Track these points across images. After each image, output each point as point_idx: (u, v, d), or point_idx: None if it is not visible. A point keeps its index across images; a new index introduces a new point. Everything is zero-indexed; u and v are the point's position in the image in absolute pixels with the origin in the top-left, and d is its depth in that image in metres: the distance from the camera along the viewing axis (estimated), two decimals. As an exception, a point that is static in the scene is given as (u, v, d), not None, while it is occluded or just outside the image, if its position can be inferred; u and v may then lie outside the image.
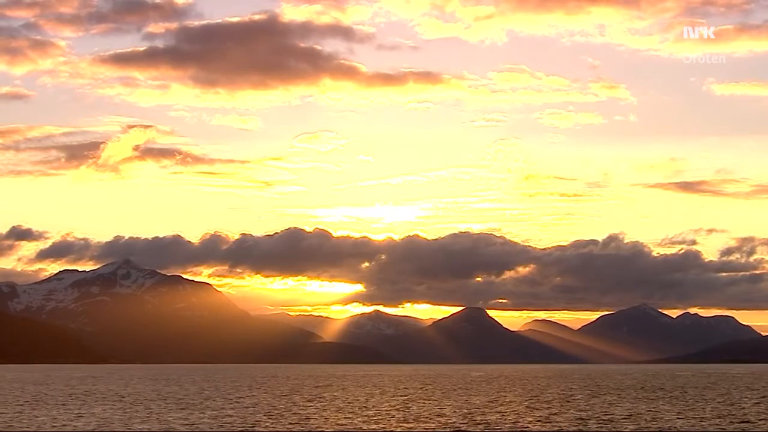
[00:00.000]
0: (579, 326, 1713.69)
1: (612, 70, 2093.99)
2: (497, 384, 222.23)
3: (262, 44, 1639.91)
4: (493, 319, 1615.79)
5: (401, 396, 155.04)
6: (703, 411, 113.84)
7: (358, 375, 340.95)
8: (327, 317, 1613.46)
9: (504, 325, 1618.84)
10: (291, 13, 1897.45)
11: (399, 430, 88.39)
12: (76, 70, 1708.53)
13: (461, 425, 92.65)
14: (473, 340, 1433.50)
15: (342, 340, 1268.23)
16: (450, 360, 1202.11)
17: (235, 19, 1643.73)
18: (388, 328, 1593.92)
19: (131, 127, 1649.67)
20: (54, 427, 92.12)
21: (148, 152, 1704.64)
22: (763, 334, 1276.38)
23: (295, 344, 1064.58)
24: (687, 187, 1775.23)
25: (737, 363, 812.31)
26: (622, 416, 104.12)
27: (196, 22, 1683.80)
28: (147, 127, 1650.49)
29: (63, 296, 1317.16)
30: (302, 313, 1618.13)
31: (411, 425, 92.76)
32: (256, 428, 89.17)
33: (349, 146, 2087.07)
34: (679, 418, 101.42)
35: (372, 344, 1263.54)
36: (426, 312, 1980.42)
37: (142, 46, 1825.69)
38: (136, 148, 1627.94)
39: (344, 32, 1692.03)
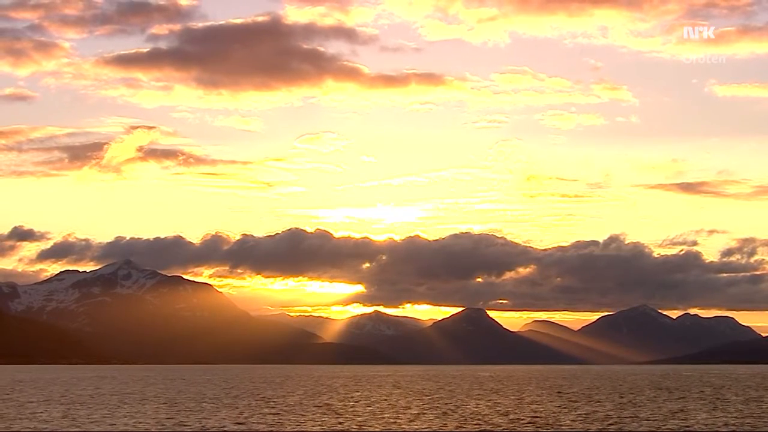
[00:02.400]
0: (579, 327, 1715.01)
1: (614, 72, 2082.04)
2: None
3: (265, 46, 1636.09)
4: (493, 319, 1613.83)
5: (437, 396, 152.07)
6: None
7: (370, 375, 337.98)
8: (327, 318, 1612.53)
9: (504, 326, 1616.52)
10: (294, 15, 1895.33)
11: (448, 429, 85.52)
12: (80, 71, 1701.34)
13: (505, 425, 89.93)
14: (473, 341, 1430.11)
15: (342, 341, 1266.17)
16: (450, 361, 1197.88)
17: (238, 21, 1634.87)
18: (388, 328, 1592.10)
19: (134, 128, 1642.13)
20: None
21: (151, 153, 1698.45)
22: (764, 335, 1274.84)
23: (295, 345, 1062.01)
24: (688, 188, 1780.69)
25: (737, 364, 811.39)
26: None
27: (199, 24, 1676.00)
28: (150, 128, 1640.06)
29: (64, 297, 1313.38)
30: (303, 314, 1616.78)
31: (457, 425, 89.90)
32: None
33: (351, 147, 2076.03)
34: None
35: (372, 345, 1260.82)
36: (426, 312, 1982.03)
37: (145, 48, 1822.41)
38: (140, 149, 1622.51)
39: (347, 34, 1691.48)
